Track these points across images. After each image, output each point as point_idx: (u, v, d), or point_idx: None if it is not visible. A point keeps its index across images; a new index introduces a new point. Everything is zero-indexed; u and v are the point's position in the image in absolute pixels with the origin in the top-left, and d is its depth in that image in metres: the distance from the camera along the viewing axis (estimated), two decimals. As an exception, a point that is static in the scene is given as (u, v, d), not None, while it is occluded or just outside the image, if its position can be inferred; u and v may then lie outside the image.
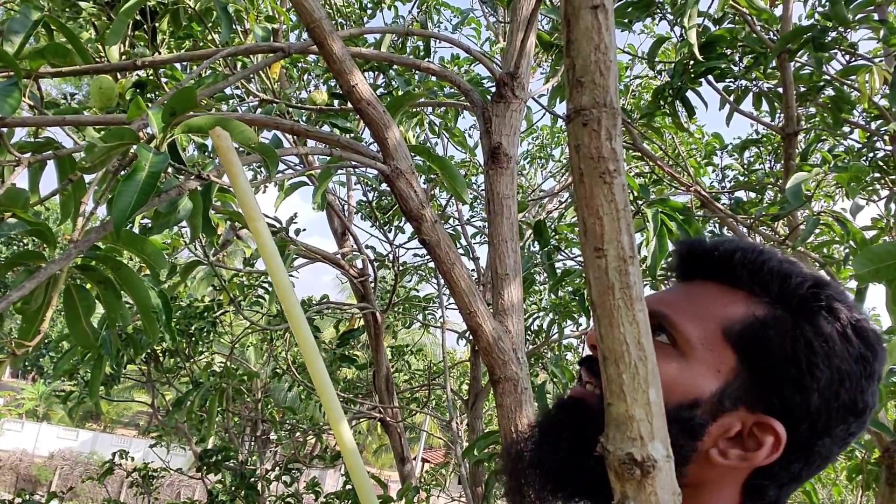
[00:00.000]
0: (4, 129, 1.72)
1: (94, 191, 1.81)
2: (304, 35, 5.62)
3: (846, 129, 4.60)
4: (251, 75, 4.09)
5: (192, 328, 6.16)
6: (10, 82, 1.70)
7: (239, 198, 0.84)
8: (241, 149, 1.63)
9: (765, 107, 4.36)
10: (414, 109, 4.35)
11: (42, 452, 31.08)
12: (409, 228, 7.12)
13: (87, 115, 2.16)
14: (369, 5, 5.87)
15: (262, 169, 6.02)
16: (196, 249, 4.22)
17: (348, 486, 6.10)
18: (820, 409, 0.91)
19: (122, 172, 1.79)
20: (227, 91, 3.92)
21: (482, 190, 6.57)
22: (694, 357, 0.94)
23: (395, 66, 4.26)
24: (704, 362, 0.93)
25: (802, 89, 4.09)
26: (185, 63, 3.83)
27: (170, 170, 1.69)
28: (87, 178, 1.78)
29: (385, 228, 6.92)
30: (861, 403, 0.92)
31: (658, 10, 4.26)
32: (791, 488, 0.97)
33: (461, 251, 5.95)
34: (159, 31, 3.21)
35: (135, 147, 1.51)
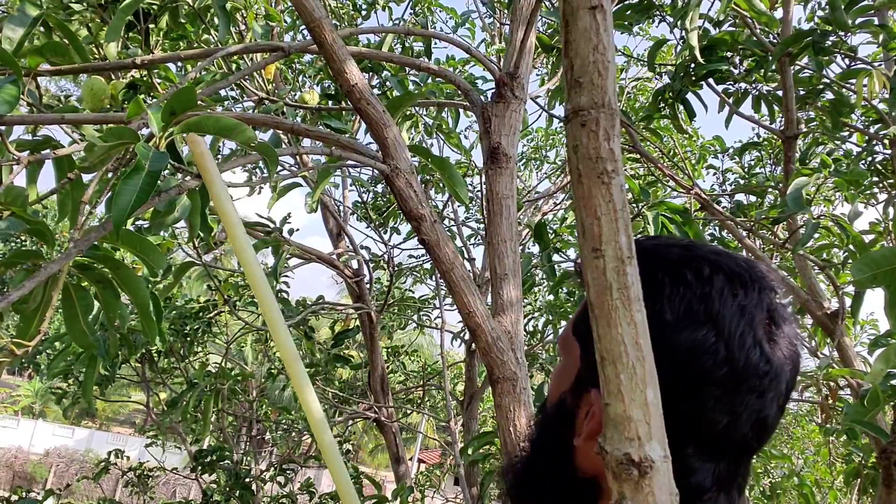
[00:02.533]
0: (3, 127, 1.71)
1: (91, 190, 1.81)
2: (299, 36, 5.64)
3: (845, 132, 4.60)
4: (248, 75, 4.09)
5: (187, 328, 6.15)
6: (9, 79, 1.70)
7: (215, 202, 0.85)
8: (240, 148, 1.63)
9: (764, 110, 4.36)
10: (408, 111, 4.36)
11: (38, 450, 31.08)
12: (404, 229, 7.14)
13: (86, 114, 2.16)
14: (363, 6, 5.86)
15: (257, 170, 6.03)
16: (190, 250, 4.22)
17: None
18: None
19: (119, 172, 1.79)
20: (223, 92, 3.92)
21: (478, 191, 6.58)
22: (562, 365, 1.04)
23: (388, 67, 4.27)
24: (566, 365, 1.02)
25: (802, 92, 4.09)
26: (179, 63, 3.83)
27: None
28: (86, 176, 1.78)
29: (380, 229, 6.92)
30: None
31: (657, 13, 4.26)
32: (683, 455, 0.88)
33: (459, 252, 5.93)
34: (153, 32, 3.20)
35: (134, 146, 1.51)
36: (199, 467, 6.20)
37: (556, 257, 4.06)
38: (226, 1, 3.09)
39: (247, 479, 6.09)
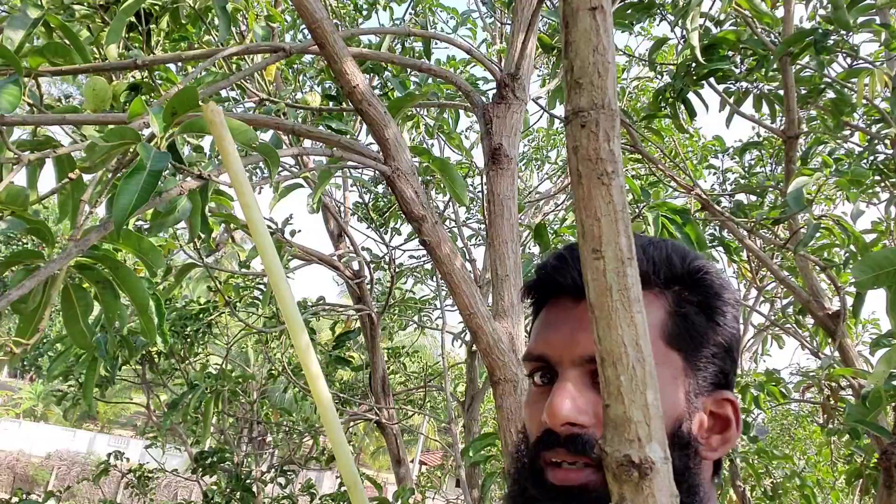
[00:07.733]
0: (4, 128, 1.71)
1: (91, 191, 1.81)
2: (299, 35, 5.64)
3: (847, 132, 4.60)
4: (249, 75, 4.09)
5: (188, 330, 6.15)
6: (11, 79, 1.70)
7: (231, 176, 0.83)
8: (241, 149, 1.62)
9: (765, 109, 4.35)
10: (410, 112, 4.35)
11: (39, 452, 31.05)
12: (405, 230, 7.13)
13: (87, 115, 2.16)
14: (364, 6, 5.85)
15: (258, 170, 6.03)
16: (191, 251, 4.21)
17: (343, 489, 6.10)
18: (733, 359, 1.00)
19: (119, 173, 1.79)
20: (223, 93, 3.91)
21: (479, 192, 6.57)
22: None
23: (389, 68, 4.27)
24: (665, 379, 0.92)
25: (803, 91, 4.09)
26: (180, 64, 3.83)
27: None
28: (86, 177, 1.78)
29: (381, 230, 6.92)
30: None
31: (658, 12, 4.25)
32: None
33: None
34: (154, 33, 3.20)
35: (135, 146, 1.51)
36: (200, 469, 6.20)
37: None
38: (226, 2, 3.09)
39: (248, 481, 6.09)
